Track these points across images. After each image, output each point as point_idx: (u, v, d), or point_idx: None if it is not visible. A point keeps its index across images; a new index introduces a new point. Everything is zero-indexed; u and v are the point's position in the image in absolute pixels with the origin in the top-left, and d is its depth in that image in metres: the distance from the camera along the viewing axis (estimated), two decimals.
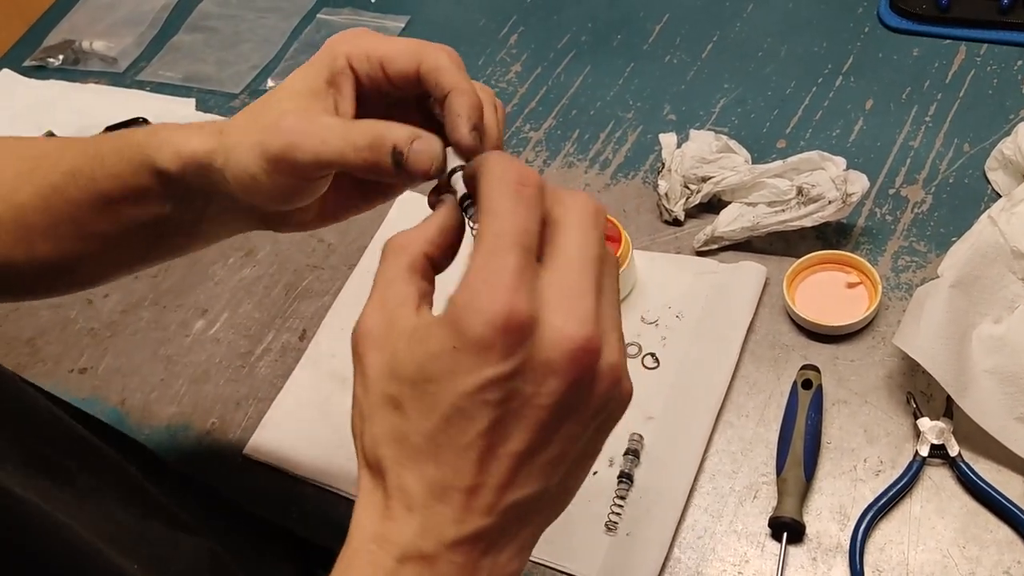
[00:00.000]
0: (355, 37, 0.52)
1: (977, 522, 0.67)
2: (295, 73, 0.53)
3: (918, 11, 0.99)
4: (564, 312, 0.38)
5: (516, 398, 0.38)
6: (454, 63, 0.50)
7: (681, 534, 0.70)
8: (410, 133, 0.48)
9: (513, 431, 0.39)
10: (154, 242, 0.60)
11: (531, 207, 0.40)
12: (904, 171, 0.87)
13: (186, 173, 0.53)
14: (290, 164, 0.49)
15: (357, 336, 0.42)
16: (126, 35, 1.22)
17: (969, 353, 0.71)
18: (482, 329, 0.37)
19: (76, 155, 0.58)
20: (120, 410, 0.85)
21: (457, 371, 0.38)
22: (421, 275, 0.43)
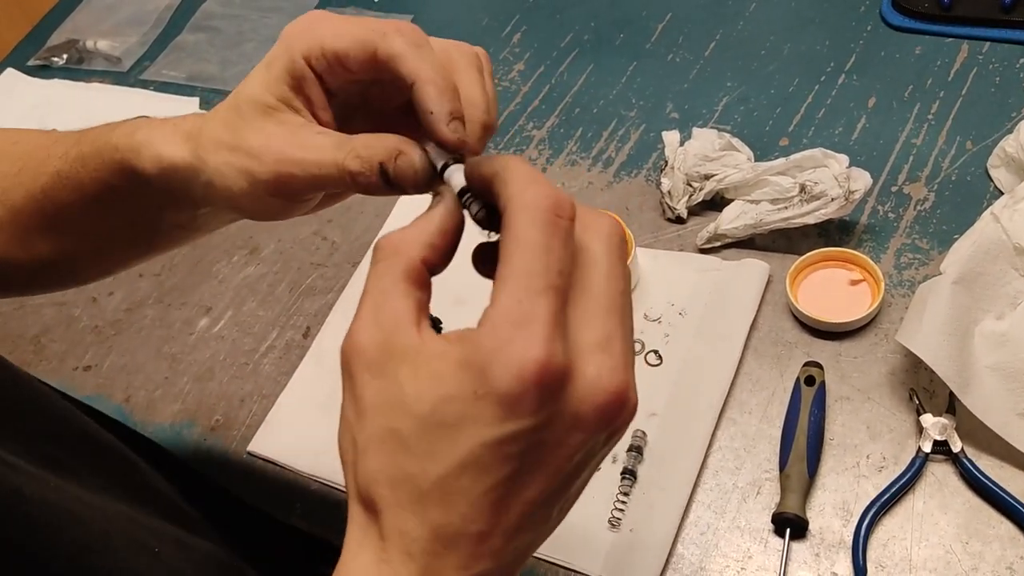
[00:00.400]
0: (309, 28, 0.48)
1: (980, 518, 0.67)
2: (254, 77, 0.49)
3: (920, 9, 0.99)
4: (597, 362, 0.36)
5: (539, 449, 0.36)
6: (411, 44, 0.46)
7: (684, 530, 0.70)
8: (392, 148, 0.45)
9: (532, 480, 0.36)
10: (150, 239, 0.60)
11: (566, 242, 0.37)
12: (907, 168, 0.88)
13: (168, 179, 0.52)
14: (284, 191, 0.48)
15: (349, 353, 0.39)
16: (130, 34, 1.22)
17: (972, 349, 0.71)
18: (513, 382, 0.34)
19: (60, 158, 0.56)
20: (124, 408, 0.86)
21: (479, 420, 0.35)
22: (418, 285, 0.40)
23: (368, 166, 0.46)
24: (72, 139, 0.57)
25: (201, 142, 0.50)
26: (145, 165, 0.52)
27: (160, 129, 0.52)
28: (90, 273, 0.65)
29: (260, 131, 0.48)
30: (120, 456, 0.61)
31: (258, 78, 0.49)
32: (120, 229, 0.58)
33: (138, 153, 0.52)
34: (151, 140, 0.52)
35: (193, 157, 0.50)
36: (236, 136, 0.49)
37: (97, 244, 0.60)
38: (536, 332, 0.34)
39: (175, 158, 0.51)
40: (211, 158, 0.49)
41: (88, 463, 0.56)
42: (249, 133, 0.48)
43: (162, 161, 0.51)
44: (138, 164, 0.52)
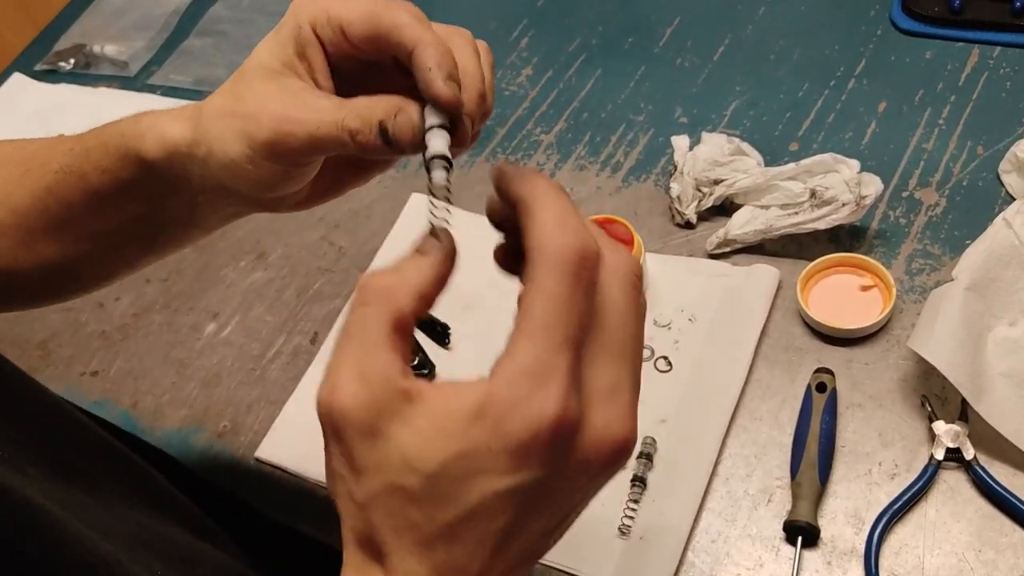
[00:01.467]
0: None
1: (993, 526, 0.67)
2: (262, 44, 0.50)
3: (930, 13, 0.98)
4: (605, 412, 0.36)
5: (546, 494, 0.36)
6: (414, 17, 0.47)
7: (695, 538, 0.69)
8: (392, 106, 0.46)
9: (535, 522, 0.37)
10: (151, 236, 0.60)
11: (588, 294, 0.36)
12: (918, 173, 0.87)
13: (171, 161, 0.52)
14: (281, 152, 0.48)
15: (335, 412, 0.37)
16: (137, 39, 1.22)
17: (984, 356, 0.70)
18: (528, 437, 0.34)
19: (64, 153, 0.57)
20: (131, 413, 0.85)
21: (490, 472, 0.35)
22: (404, 336, 0.38)
23: (367, 124, 0.46)
24: (75, 137, 0.58)
25: (203, 114, 0.51)
26: (149, 148, 0.52)
27: (163, 114, 0.53)
28: (91, 278, 0.64)
29: (260, 93, 0.48)
30: (135, 466, 0.61)
31: (265, 44, 0.50)
32: (122, 226, 0.58)
33: (142, 137, 0.52)
34: (154, 124, 0.53)
35: (194, 131, 0.51)
36: (237, 101, 0.49)
37: (99, 244, 0.59)
38: (555, 389, 0.34)
39: (176, 136, 0.51)
40: (211, 126, 0.50)
41: (104, 473, 0.56)
42: (249, 96, 0.49)
43: (165, 142, 0.52)
44: (142, 148, 0.52)
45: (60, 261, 0.60)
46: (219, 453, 0.81)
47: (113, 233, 0.58)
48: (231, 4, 1.25)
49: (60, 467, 0.52)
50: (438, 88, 0.45)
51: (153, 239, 0.60)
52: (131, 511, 0.57)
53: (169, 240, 0.61)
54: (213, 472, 0.80)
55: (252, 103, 0.48)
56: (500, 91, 1.05)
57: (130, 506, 0.57)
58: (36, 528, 0.44)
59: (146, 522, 0.57)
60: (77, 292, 0.66)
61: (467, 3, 1.16)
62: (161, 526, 0.58)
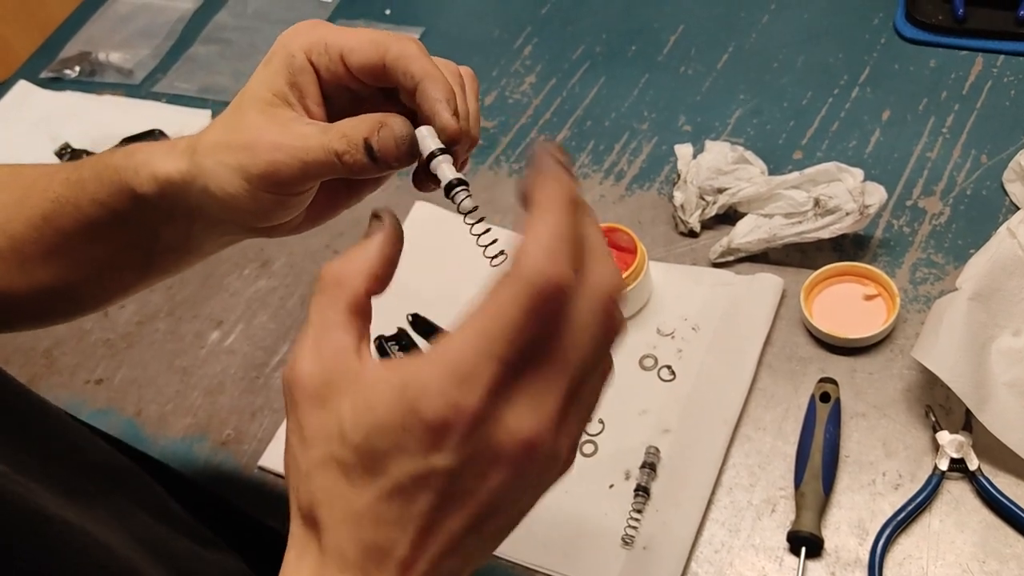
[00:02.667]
0: (311, 29, 0.50)
1: (997, 537, 0.66)
2: (254, 76, 0.51)
3: (934, 22, 0.98)
4: (520, 412, 0.36)
5: (459, 484, 0.37)
6: (421, 50, 0.49)
7: (698, 548, 0.69)
8: (375, 122, 0.47)
9: (454, 512, 0.38)
10: (147, 263, 0.60)
11: (546, 325, 0.36)
12: (921, 182, 0.87)
13: (165, 195, 0.53)
14: (276, 182, 0.49)
15: (291, 383, 0.39)
16: (142, 47, 1.23)
17: (989, 366, 0.70)
18: (437, 422, 0.35)
19: (60, 183, 0.58)
20: (136, 421, 0.85)
21: (405, 450, 0.36)
22: (361, 315, 0.40)
23: (353, 144, 0.47)
24: (72, 166, 0.58)
25: (198, 149, 0.51)
26: (143, 184, 0.53)
27: (158, 149, 0.54)
28: (90, 301, 0.65)
29: (253, 125, 0.49)
30: (138, 478, 0.62)
31: (256, 76, 0.51)
32: (118, 253, 0.59)
33: (136, 172, 0.53)
34: (149, 160, 0.53)
35: (190, 165, 0.51)
36: (231, 134, 0.50)
37: (95, 270, 0.60)
38: (472, 392, 0.35)
39: (171, 172, 0.52)
40: (207, 161, 0.51)
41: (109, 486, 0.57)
42: (243, 129, 0.50)
43: (159, 178, 0.53)
44: (136, 183, 0.53)
45: (57, 285, 0.60)
46: (223, 462, 0.81)
47: (109, 259, 0.59)
48: (236, 12, 1.25)
49: (68, 481, 0.52)
50: (447, 120, 0.48)
51: (148, 265, 0.61)
52: (139, 522, 0.57)
53: (165, 266, 0.62)
54: (216, 481, 0.80)
55: (246, 135, 0.49)
56: (503, 99, 1.05)
57: (138, 517, 0.58)
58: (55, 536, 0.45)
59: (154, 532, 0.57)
60: (76, 314, 0.66)
61: (471, 10, 1.17)
62: (168, 536, 0.58)
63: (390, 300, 0.97)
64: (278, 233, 0.57)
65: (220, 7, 1.26)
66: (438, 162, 0.48)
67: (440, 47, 1.12)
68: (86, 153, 1.08)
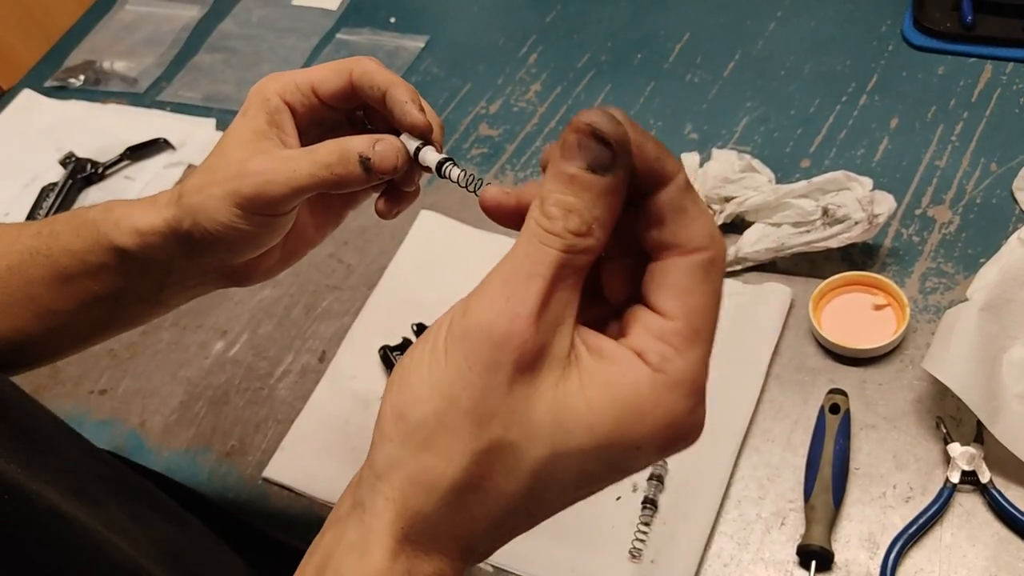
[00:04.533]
0: (278, 76, 0.55)
1: (1009, 550, 0.66)
2: (234, 125, 0.55)
3: (942, 29, 0.98)
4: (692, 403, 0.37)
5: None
6: (380, 66, 0.54)
7: (707, 562, 0.69)
8: (369, 139, 0.52)
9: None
10: (111, 315, 0.61)
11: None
12: (931, 191, 0.86)
13: (147, 247, 0.55)
14: (265, 201, 0.52)
15: (505, 340, 0.34)
16: (147, 55, 1.23)
17: (1000, 377, 0.69)
18: (666, 441, 0.36)
19: (32, 236, 0.59)
20: (139, 432, 0.85)
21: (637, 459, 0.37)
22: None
23: (345, 157, 0.51)
24: (44, 220, 0.60)
25: (184, 193, 0.54)
26: (123, 237, 0.55)
27: (137, 206, 0.56)
28: (38, 356, 0.64)
29: (237, 159, 0.53)
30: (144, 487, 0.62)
31: (235, 125, 0.55)
32: (83, 306, 0.59)
33: (116, 226, 0.55)
34: (128, 214, 0.55)
35: (176, 210, 0.54)
36: (215, 172, 0.53)
37: (56, 323, 0.60)
38: (696, 399, 0.36)
39: (156, 223, 0.54)
40: (194, 199, 0.53)
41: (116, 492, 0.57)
42: (226, 165, 0.53)
43: (142, 231, 0.55)
44: (115, 236, 0.55)
45: (12, 336, 0.60)
46: (227, 473, 0.81)
47: (70, 312, 0.59)
48: (240, 20, 1.25)
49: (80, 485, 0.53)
50: (416, 116, 0.53)
51: (110, 318, 0.61)
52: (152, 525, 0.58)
53: (128, 318, 0.62)
54: (221, 493, 0.80)
55: (233, 168, 0.52)
56: (508, 107, 1.05)
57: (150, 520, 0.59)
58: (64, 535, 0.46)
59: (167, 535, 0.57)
60: (25, 367, 0.65)
61: (476, 19, 1.16)
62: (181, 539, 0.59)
63: (395, 310, 0.97)
64: (251, 279, 0.59)
65: (224, 16, 1.26)
66: (424, 152, 0.53)
67: (445, 56, 1.12)
68: (90, 162, 1.07)
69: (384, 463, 0.36)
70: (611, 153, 0.34)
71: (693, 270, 0.36)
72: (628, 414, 0.35)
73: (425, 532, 0.36)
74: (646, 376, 0.35)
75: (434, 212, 0.95)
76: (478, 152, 1.01)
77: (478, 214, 0.99)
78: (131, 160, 1.08)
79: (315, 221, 0.60)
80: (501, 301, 0.34)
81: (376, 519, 0.36)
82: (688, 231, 0.36)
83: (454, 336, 0.35)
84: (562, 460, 0.35)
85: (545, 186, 0.35)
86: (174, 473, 0.81)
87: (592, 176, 0.35)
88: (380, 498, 0.36)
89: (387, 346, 0.83)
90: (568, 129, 0.35)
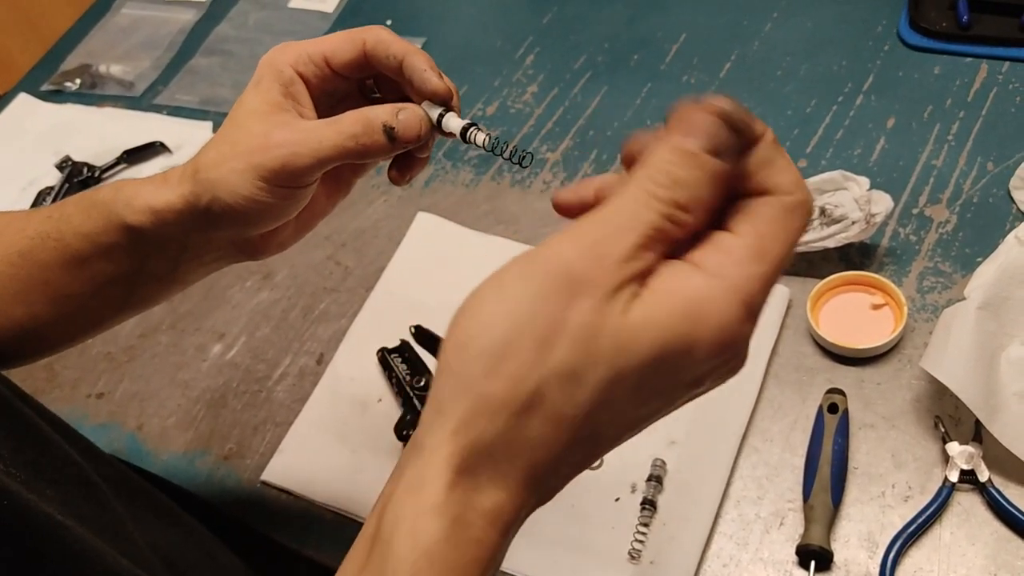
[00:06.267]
0: (288, 47, 0.55)
1: (1008, 548, 0.66)
2: (246, 97, 0.54)
3: (938, 29, 0.98)
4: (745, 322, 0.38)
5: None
6: (392, 35, 0.54)
7: (706, 562, 0.69)
8: (393, 107, 0.52)
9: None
10: (127, 295, 0.60)
11: None
12: (928, 190, 0.86)
13: (160, 225, 0.55)
14: (291, 173, 0.52)
15: (596, 273, 0.35)
16: (143, 59, 1.22)
17: (998, 376, 0.69)
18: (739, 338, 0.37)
19: (41, 220, 0.58)
20: (137, 436, 0.85)
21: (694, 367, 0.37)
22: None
23: (370, 127, 0.52)
24: (53, 205, 0.60)
25: (200, 168, 0.53)
26: (136, 215, 0.55)
27: (147, 183, 0.56)
28: (60, 340, 0.64)
29: (258, 131, 0.52)
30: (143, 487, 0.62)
31: (248, 95, 0.54)
32: (99, 288, 0.59)
33: (128, 205, 0.55)
34: (139, 193, 0.55)
35: (193, 186, 0.53)
36: (236, 145, 0.53)
37: (72, 307, 0.60)
38: (747, 310, 0.36)
39: (172, 200, 0.54)
40: (213, 174, 0.53)
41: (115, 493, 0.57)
42: (247, 138, 0.53)
43: (156, 208, 0.54)
44: (127, 215, 0.55)
45: (30, 324, 0.60)
46: (225, 476, 0.80)
47: (86, 295, 0.59)
48: (237, 24, 1.25)
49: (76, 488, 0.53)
50: (436, 83, 0.53)
51: (127, 298, 0.61)
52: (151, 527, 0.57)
53: (144, 298, 0.62)
54: (219, 496, 0.79)
55: (254, 141, 0.52)
56: (505, 109, 1.05)
57: (149, 522, 0.58)
58: (57, 543, 0.45)
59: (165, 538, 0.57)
60: (43, 353, 0.66)
61: (473, 21, 1.16)
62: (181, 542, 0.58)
63: (392, 312, 0.97)
64: (266, 251, 0.59)
65: (221, 19, 1.26)
66: (448, 119, 0.54)
67: (442, 57, 1.12)
68: (87, 166, 1.07)
69: (446, 395, 0.36)
70: (736, 142, 0.36)
71: (775, 206, 0.37)
72: (683, 318, 0.35)
73: (483, 461, 0.36)
74: (702, 281, 0.36)
75: (431, 214, 0.95)
76: (475, 154, 1.01)
77: (476, 215, 1.00)
78: (128, 164, 1.08)
79: (326, 191, 0.60)
80: (587, 242, 0.35)
81: (434, 454, 0.36)
82: (776, 179, 0.37)
83: (533, 270, 0.36)
84: (621, 380, 0.35)
85: (659, 155, 0.36)
86: (172, 476, 0.81)
87: (710, 158, 0.36)
88: (439, 432, 0.36)
89: (385, 348, 0.83)
90: (696, 108, 0.36)
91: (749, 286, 0.36)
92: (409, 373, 0.81)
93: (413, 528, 0.35)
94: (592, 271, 0.35)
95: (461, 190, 0.97)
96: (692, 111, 0.36)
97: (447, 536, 0.35)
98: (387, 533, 0.36)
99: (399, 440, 0.77)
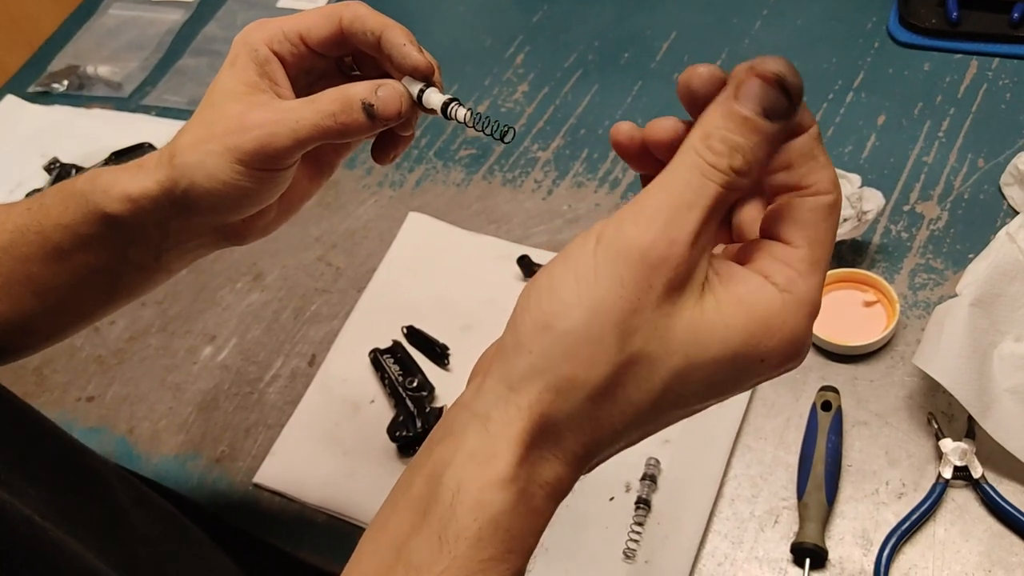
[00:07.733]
0: (263, 25, 0.54)
1: (1002, 545, 0.66)
2: (221, 77, 0.53)
3: (928, 26, 0.98)
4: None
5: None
6: (370, 9, 0.53)
7: (700, 561, 0.68)
8: (372, 84, 0.51)
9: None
10: (112, 286, 0.60)
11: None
12: (918, 187, 0.87)
13: (138, 212, 0.54)
14: (269, 155, 0.50)
15: (660, 258, 0.36)
16: (131, 60, 1.22)
17: (991, 372, 0.69)
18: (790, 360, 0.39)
19: (20, 214, 0.57)
20: (128, 439, 0.84)
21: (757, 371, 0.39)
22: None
23: (349, 104, 0.50)
24: (33, 198, 0.59)
25: (176, 152, 0.52)
26: (113, 204, 0.54)
27: (123, 171, 0.54)
28: (48, 333, 0.64)
29: (233, 113, 0.51)
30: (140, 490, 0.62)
31: (224, 76, 0.53)
32: (82, 279, 0.58)
33: (105, 193, 0.54)
34: (116, 181, 0.54)
35: (169, 171, 0.52)
36: (212, 127, 0.51)
37: (57, 299, 0.59)
38: (812, 320, 0.39)
39: (148, 186, 0.53)
40: (189, 158, 0.51)
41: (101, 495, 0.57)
42: (223, 119, 0.51)
43: (132, 196, 0.53)
44: (105, 204, 0.54)
45: (14, 319, 0.59)
46: (217, 479, 0.80)
47: (69, 287, 0.58)
48: (225, 24, 1.24)
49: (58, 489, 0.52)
50: (416, 57, 0.52)
51: (112, 289, 0.60)
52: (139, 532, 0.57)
53: (130, 287, 0.61)
54: (211, 498, 0.79)
55: (230, 123, 0.51)
56: (496, 108, 1.04)
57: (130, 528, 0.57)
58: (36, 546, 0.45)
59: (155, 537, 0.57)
60: (34, 348, 0.65)
61: (462, 20, 1.16)
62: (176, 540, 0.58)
63: (384, 312, 0.96)
64: (249, 236, 0.58)
65: (209, 19, 1.25)
66: (428, 94, 0.52)
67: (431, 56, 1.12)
68: (75, 167, 1.07)
69: (522, 372, 0.37)
70: (789, 104, 0.37)
71: (818, 209, 0.39)
72: (759, 328, 0.37)
73: (552, 438, 0.38)
74: (776, 295, 0.38)
75: (423, 214, 0.94)
76: (466, 153, 1.00)
77: (467, 215, 1.00)
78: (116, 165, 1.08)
79: (308, 173, 0.59)
80: (660, 224, 0.36)
81: (506, 427, 0.37)
82: (816, 175, 0.39)
83: (608, 254, 0.37)
84: (694, 371, 0.37)
85: (712, 122, 0.37)
86: (164, 479, 0.80)
87: (765, 121, 0.37)
88: (512, 407, 0.37)
89: (377, 349, 0.83)
90: (748, 73, 0.37)
91: (813, 297, 0.39)
92: (401, 374, 0.80)
93: (480, 499, 0.37)
94: (666, 256, 0.36)
95: (452, 190, 0.97)
96: (746, 74, 0.37)
97: (512, 507, 0.37)
98: (447, 498, 0.37)
99: (392, 441, 0.77)
